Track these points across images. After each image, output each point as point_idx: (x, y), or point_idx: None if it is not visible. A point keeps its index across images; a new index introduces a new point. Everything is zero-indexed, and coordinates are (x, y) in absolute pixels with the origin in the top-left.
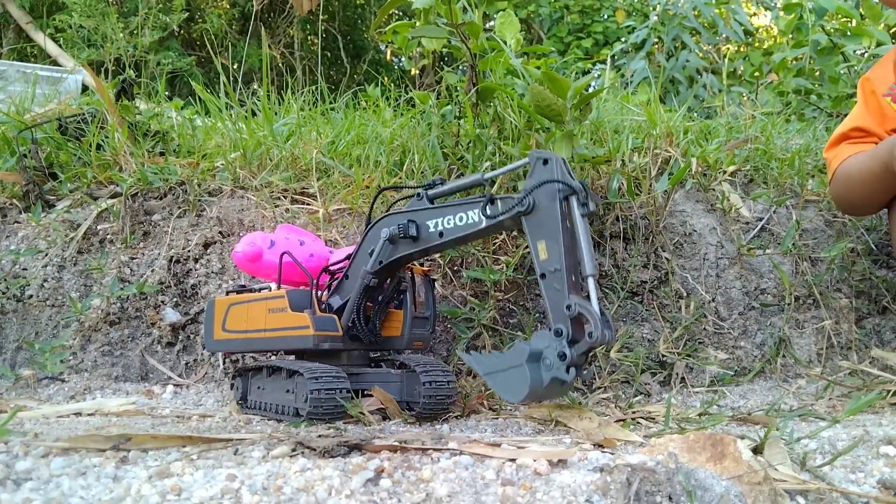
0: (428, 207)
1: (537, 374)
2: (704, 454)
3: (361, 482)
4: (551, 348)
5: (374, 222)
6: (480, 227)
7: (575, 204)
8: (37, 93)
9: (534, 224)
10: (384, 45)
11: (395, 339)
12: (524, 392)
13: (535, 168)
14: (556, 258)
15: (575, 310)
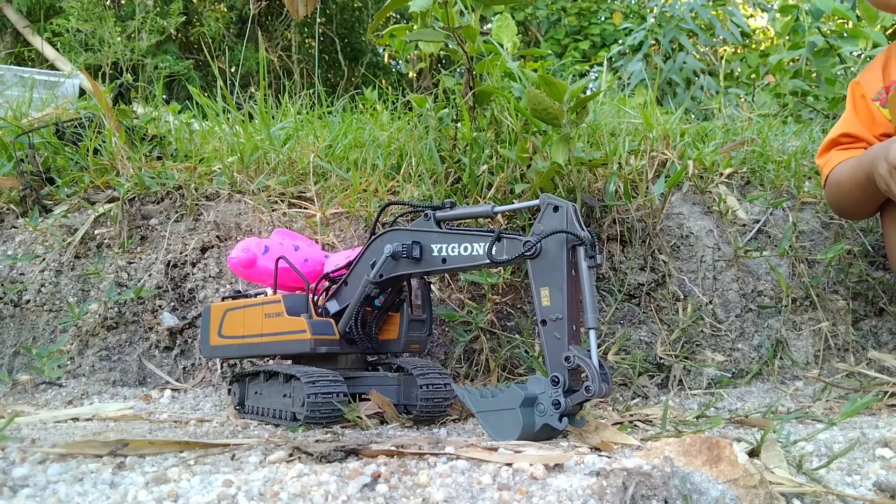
0: (435, 231)
1: (530, 419)
2: (700, 458)
3: (358, 487)
4: (546, 395)
5: (379, 234)
6: (483, 262)
7: (582, 255)
8: (34, 97)
9: (539, 270)
10: (382, 48)
11: (391, 342)
12: (514, 434)
13: (544, 214)
14: (559, 307)
15: (574, 361)
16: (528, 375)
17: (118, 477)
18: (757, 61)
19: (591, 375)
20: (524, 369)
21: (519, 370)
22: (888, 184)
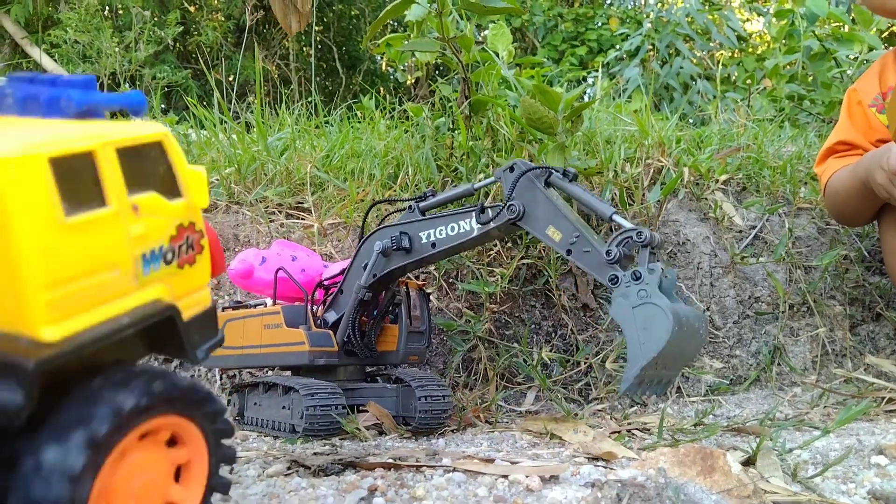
0: (420, 219)
1: (650, 309)
2: (695, 468)
3: (355, 501)
4: (634, 288)
5: (367, 236)
6: (472, 235)
7: (557, 179)
8: None
9: (532, 221)
10: (379, 56)
11: (390, 353)
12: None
13: (504, 180)
14: (570, 228)
15: (614, 250)
16: (525, 384)
17: None
18: (753, 65)
19: (632, 233)
20: (522, 377)
21: (518, 378)
22: (889, 191)
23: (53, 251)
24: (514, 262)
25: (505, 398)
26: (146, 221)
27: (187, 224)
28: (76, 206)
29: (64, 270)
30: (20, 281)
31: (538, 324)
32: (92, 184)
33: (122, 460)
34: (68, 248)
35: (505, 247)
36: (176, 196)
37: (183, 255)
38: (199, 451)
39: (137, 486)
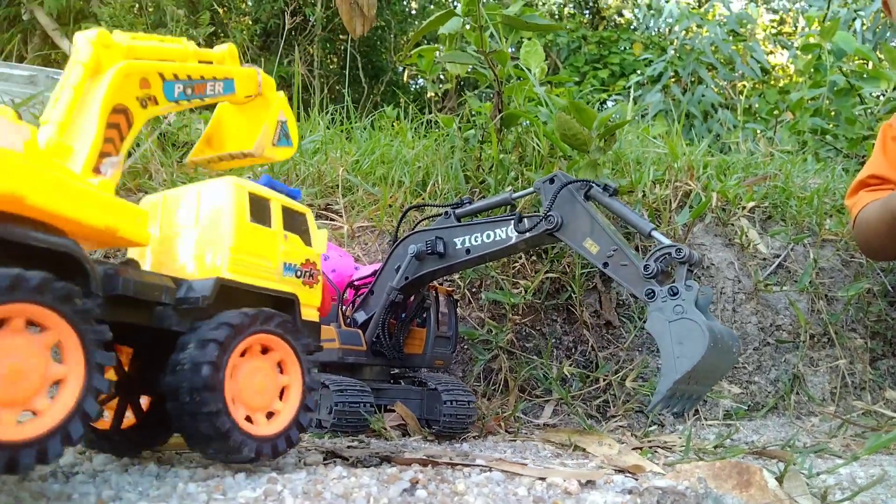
0: (455, 225)
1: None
2: (730, 482)
3: (398, 492)
4: (671, 303)
5: (402, 239)
6: (508, 243)
7: (597, 192)
8: None
9: (569, 233)
10: (402, 68)
11: (416, 356)
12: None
13: (544, 191)
14: (608, 242)
15: (652, 265)
16: (544, 397)
17: (162, 470)
18: (775, 98)
19: (671, 250)
20: (541, 390)
21: (537, 391)
22: None
23: (240, 234)
24: (539, 275)
25: (523, 410)
26: (289, 246)
27: (311, 261)
28: (255, 218)
29: (243, 247)
30: (223, 243)
31: (559, 338)
32: (265, 213)
33: (239, 365)
34: (247, 237)
35: (530, 260)
36: (308, 244)
37: (306, 278)
38: (294, 372)
39: (255, 382)
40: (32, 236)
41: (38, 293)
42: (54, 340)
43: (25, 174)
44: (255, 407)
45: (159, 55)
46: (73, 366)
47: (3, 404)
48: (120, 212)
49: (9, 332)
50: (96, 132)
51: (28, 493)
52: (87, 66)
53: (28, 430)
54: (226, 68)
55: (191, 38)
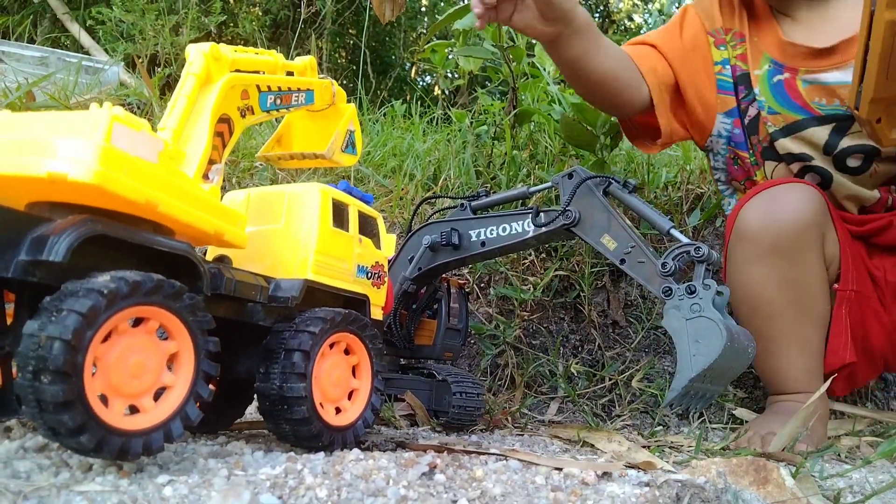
0: (471, 217)
1: (721, 321)
2: (747, 478)
3: (417, 475)
4: (687, 301)
5: (416, 230)
6: (525, 237)
7: (616, 188)
8: (78, 82)
9: (587, 228)
10: (409, 64)
11: (426, 347)
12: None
13: (562, 186)
14: (626, 238)
15: (670, 263)
16: (549, 394)
17: (179, 447)
18: None
19: (690, 248)
20: (547, 387)
21: (543, 388)
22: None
23: (323, 238)
24: (549, 273)
25: (529, 406)
26: (363, 249)
27: (381, 264)
28: (336, 223)
29: (325, 249)
30: (309, 247)
31: (566, 336)
32: (345, 218)
33: (323, 358)
34: (328, 240)
35: (539, 257)
36: (378, 247)
37: (375, 279)
38: (365, 371)
39: (334, 374)
40: (157, 241)
41: (173, 300)
42: (174, 350)
43: (159, 184)
44: (331, 398)
45: (255, 66)
46: (183, 374)
47: (119, 394)
48: (227, 217)
49: (144, 331)
50: (207, 140)
51: (49, 461)
52: (200, 77)
53: (137, 422)
54: (307, 80)
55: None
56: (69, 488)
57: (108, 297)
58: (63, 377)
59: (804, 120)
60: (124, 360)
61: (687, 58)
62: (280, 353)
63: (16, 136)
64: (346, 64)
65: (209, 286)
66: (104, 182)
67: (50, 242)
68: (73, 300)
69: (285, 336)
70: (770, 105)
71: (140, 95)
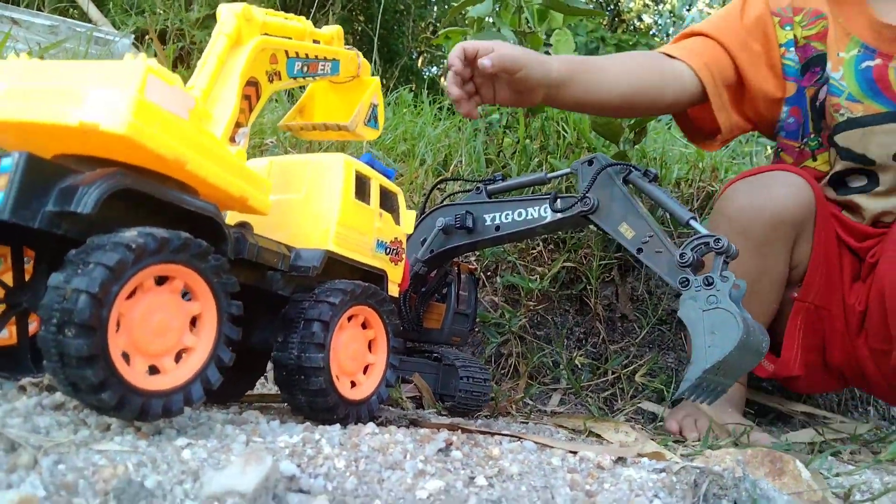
0: (487, 201)
1: (739, 314)
2: (763, 469)
3: (434, 451)
4: (704, 293)
5: (430, 211)
6: (542, 222)
7: (636, 177)
8: (89, 53)
9: (605, 216)
10: (416, 53)
11: (434, 331)
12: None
13: (581, 173)
14: (644, 227)
15: (689, 254)
16: (552, 385)
17: (196, 413)
18: None
19: (709, 240)
20: (550, 378)
21: (545, 379)
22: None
23: (345, 209)
24: (557, 263)
25: (531, 396)
26: (383, 224)
27: (399, 240)
28: (359, 195)
29: (347, 221)
30: (331, 218)
31: (571, 328)
32: (367, 191)
33: (341, 330)
34: (351, 212)
35: (547, 248)
36: (398, 223)
37: (393, 255)
38: (382, 346)
39: (351, 348)
40: (185, 199)
41: (200, 260)
42: (197, 311)
43: (188, 141)
44: (347, 371)
45: (285, 32)
46: (205, 336)
47: (141, 352)
48: (253, 181)
49: (168, 290)
50: (235, 102)
51: (67, 418)
52: (231, 37)
53: (158, 382)
54: (334, 49)
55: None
56: (88, 446)
57: (135, 251)
58: (88, 331)
59: (889, 113)
60: (148, 318)
61: (747, 43)
62: (299, 322)
63: (45, 84)
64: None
65: (233, 250)
66: (136, 134)
67: (79, 193)
68: (101, 253)
69: (305, 306)
70: (852, 92)
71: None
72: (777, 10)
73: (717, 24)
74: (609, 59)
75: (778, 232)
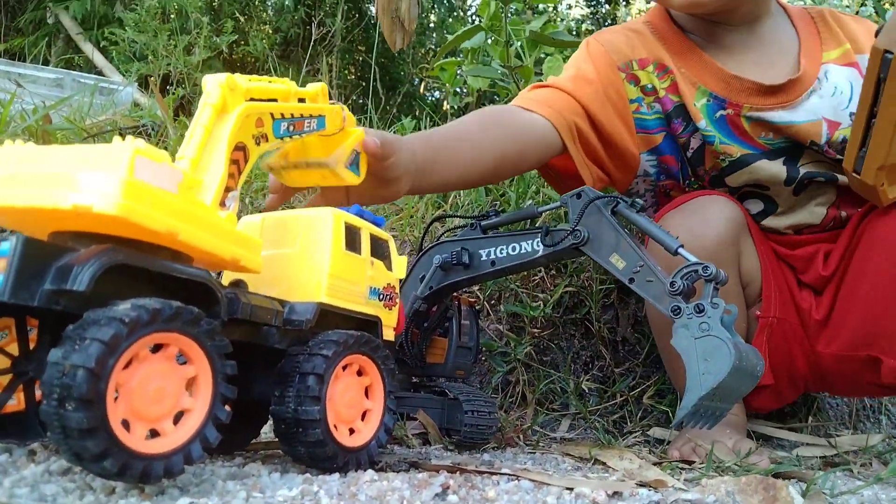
0: (481, 237)
1: (730, 341)
2: (756, 497)
3: (430, 496)
4: (696, 321)
5: (427, 249)
6: (535, 256)
7: (624, 208)
8: (92, 103)
9: (596, 248)
10: (418, 80)
11: (438, 366)
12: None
13: (571, 206)
14: (635, 257)
15: (678, 282)
16: (561, 411)
17: (198, 469)
18: None
19: (698, 268)
20: (559, 404)
21: (554, 405)
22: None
23: (336, 261)
24: (558, 289)
25: (541, 423)
26: (374, 272)
27: (392, 285)
28: (349, 247)
29: (338, 273)
30: (322, 271)
31: (577, 352)
32: (357, 241)
33: (336, 380)
34: (341, 263)
35: (549, 273)
36: (389, 269)
37: (386, 300)
38: (378, 392)
39: (347, 396)
40: (177, 268)
41: (192, 326)
42: (193, 374)
43: (179, 214)
44: (345, 419)
45: (269, 94)
46: (202, 397)
47: (140, 419)
48: (243, 243)
49: (163, 357)
50: (223, 168)
51: (73, 484)
52: (216, 108)
53: (158, 445)
54: (319, 106)
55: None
56: None
57: (129, 325)
58: (87, 405)
59: (751, 155)
60: (145, 385)
61: (602, 101)
62: (294, 376)
63: (40, 169)
64: (356, 80)
65: (226, 311)
66: (128, 213)
67: (74, 272)
68: (96, 328)
69: (299, 360)
70: (720, 138)
71: (154, 116)
72: (621, 66)
73: (571, 80)
74: (464, 125)
75: (724, 254)
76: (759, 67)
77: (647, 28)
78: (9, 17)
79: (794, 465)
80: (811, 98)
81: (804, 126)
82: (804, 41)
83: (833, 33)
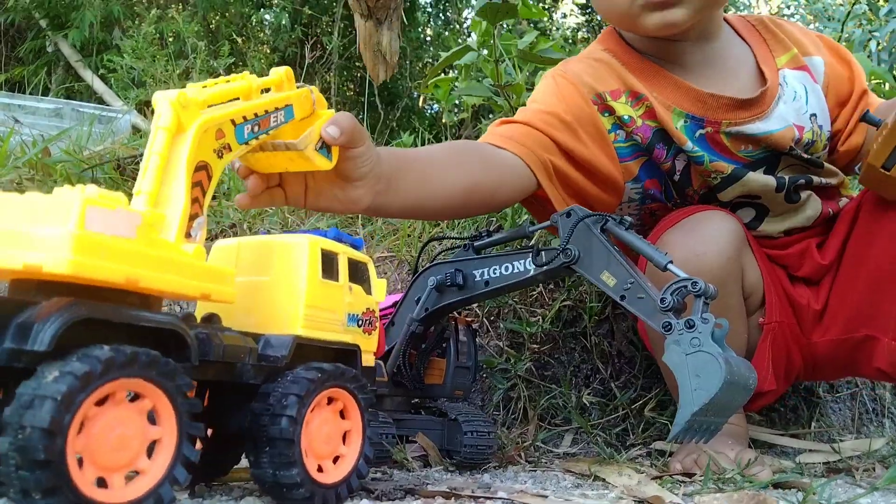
0: (474, 258)
1: (720, 356)
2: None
3: None
4: (687, 336)
5: (422, 271)
6: (527, 276)
7: (613, 225)
8: (91, 132)
9: (587, 265)
10: (417, 94)
11: (436, 386)
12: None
13: (561, 224)
14: (625, 275)
15: (669, 299)
16: (563, 426)
17: (195, 501)
18: None
19: (687, 283)
20: (560, 419)
21: (556, 420)
22: None
23: (312, 291)
24: (556, 304)
25: (543, 439)
26: (353, 297)
27: (371, 310)
28: (325, 274)
29: (315, 303)
30: (298, 301)
31: (577, 366)
32: (334, 268)
33: (312, 416)
34: (318, 292)
35: (547, 288)
36: (369, 293)
37: (366, 325)
38: (356, 423)
39: (324, 431)
40: (143, 317)
41: (147, 369)
42: (150, 406)
43: (139, 259)
44: (323, 455)
45: (228, 96)
46: (167, 432)
47: (114, 469)
48: (213, 276)
49: (113, 405)
50: (185, 196)
51: None
52: (170, 130)
53: (122, 495)
54: (284, 95)
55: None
56: None
57: (82, 378)
58: (44, 465)
59: (736, 170)
60: (106, 436)
61: (576, 133)
62: (265, 433)
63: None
64: (355, 96)
65: (196, 355)
66: (79, 270)
67: (35, 330)
68: (49, 385)
69: (271, 402)
70: (708, 157)
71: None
72: (594, 99)
73: (539, 112)
74: (434, 150)
75: (727, 269)
76: (726, 82)
77: (609, 56)
78: (9, 46)
79: (796, 474)
80: (779, 105)
81: (779, 134)
82: (756, 50)
83: (778, 39)
